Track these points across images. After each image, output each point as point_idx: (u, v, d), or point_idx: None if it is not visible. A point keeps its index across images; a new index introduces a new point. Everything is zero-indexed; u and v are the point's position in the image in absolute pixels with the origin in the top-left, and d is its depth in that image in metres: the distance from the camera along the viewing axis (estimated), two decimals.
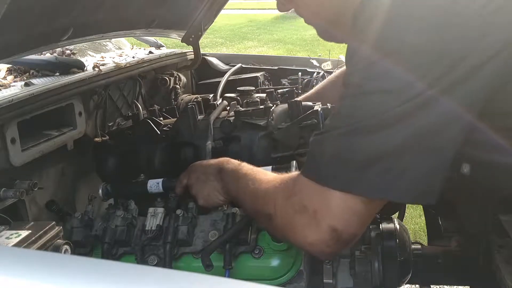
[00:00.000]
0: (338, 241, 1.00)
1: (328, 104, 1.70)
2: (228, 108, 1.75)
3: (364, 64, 0.96)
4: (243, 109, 1.61)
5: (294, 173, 1.13)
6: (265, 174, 1.22)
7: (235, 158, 1.40)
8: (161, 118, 1.83)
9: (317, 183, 1.00)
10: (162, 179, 1.42)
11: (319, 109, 1.58)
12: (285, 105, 1.63)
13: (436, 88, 0.90)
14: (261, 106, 1.60)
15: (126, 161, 1.59)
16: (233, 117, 1.61)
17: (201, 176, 1.36)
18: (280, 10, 1.29)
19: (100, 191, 1.44)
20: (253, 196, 1.19)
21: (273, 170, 1.35)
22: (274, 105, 1.64)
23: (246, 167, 1.28)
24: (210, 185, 1.34)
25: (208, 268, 1.13)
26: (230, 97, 1.86)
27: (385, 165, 0.95)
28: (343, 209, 0.99)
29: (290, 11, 1.31)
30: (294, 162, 1.36)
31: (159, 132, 1.62)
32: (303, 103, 1.64)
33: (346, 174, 0.98)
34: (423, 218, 2.67)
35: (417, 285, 2.30)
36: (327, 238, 1.00)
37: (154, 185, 1.41)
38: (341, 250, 1.06)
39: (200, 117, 1.62)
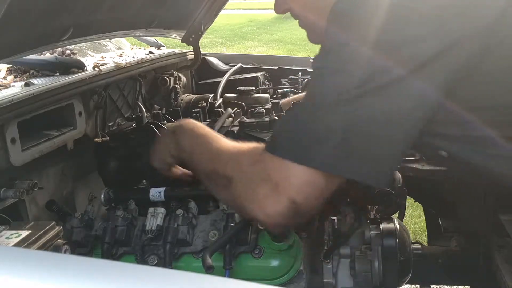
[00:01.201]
0: (295, 214, 1.03)
1: None
2: (233, 115, 1.76)
3: (332, 46, 1.01)
4: (248, 120, 1.61)
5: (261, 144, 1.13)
6: (227, 139, 1.21)
7: None
8: (165, 122, 1.83)
9: (279, 157, 1.03)
10: (164, 188, 1.42)
11: None
12: None
13: (397, 72, 0.94)
14: (266, 119, 1.61)
15: (129, 165, 1.59)
16: (237, 128, 1.61)
17: (158, 135, 1.35)
18: (277, 12, 1.29)
19: (102, 196, 1.44)
20: (213, 155, 1.16)
21: None
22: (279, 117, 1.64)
23: (206, 128, 1.27)
24: (162, 142, 1.33)
25: (209, 271, 1.12)
26: (234, 102, 1.87)
27: (338, 142, 0.98)
28: (303, 182, 1.02)
29: (286, 13, 1.31)
30: None
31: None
32: None
33: (302, 148, 1.02)
34: (423, 218, 2.67)
35: (417, 285, 2.30)
36: (285, 210, 1.02)
37: (157, 194, 1.41)
38: (296, 223, 1.10)
39: (204, 123, 1.63)
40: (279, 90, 2.19)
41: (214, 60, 2.64)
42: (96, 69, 1.67)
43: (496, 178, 1.13)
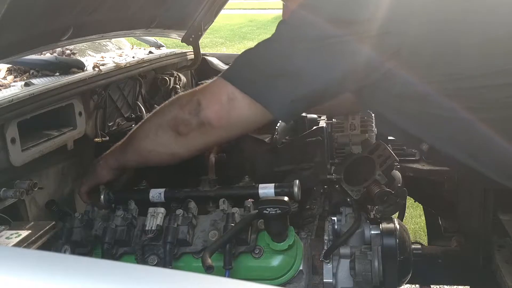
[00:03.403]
0: (196, 115, 1.25)
1: (333, 119, 1.72)
2: None
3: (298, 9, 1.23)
4: None
5: None
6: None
7: (237, 171, 1.48)
8: None
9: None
10: (164, 189, 1.42)
11: (324, 125, 1.60)
12: None
13: (342, 35, 1.14)
14: None
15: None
16: None
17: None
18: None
19: (102, 197, 1.44)
20: (145, 121, 1.41)
21: (276, 187, 1.36)
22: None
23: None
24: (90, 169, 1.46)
25: (208, 271, 1.12)
26: None
27: (254, 65, 1.24)
28: (213, 90, 1.27)
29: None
30: (297, 181, 1.36)
31: None
32: (308, 116, 1.65)
33: (230, 66, 1.29)
34: (423, 218, 2.67)
35: (417, 285, 2.30)
36: (190, 108, 1.26)
37: (156, 195, 1.41)
38: (196, 133, 1.28)
39: None
40: None
41: (214, 60, 2.63)
42: (96, 69, 1.67)
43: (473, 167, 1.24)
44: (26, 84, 1.43)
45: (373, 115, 1.73)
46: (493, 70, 1.13)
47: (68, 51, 1.94)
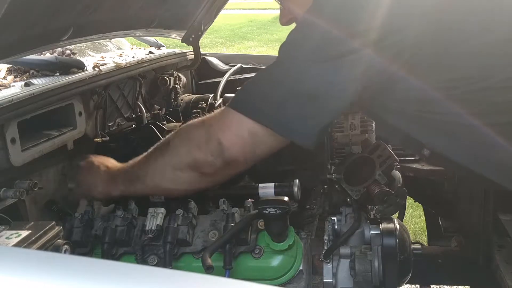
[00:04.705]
0: (220, 156, 1.17)
1: None
2: None
3: (303, 24, 1.19)
4: None
5: None
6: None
7: None
8: (165, 122, 1.83)
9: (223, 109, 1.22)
10: None
11: None
12: None
13: (349, 45, 1.09)
14: None
15: None
16: None
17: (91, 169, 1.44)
18: (282, 23, 1.36)
19: None
20: (159, 144, 1.33)
21: (276, 187, 1.36)
22: None
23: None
24: (96, 178, 1.41)
25: (208, 271, 1.12)
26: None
27: (276, 97, 1.14)
28: (231, 125, 1.18)
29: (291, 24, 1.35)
30: (297, 181, 1.36)
31: (161, 138, 1.62)
32: None
33: (244, 100, 1.19)
34: (423, 218, 2.67)
35: (417, 285, 2.30)
36: (213, 149, 1.17)
37: None
38: (223, 171, 1.22)
39: None
40: None
41: (214, 60, 2.63)
42: (96, 69, 1.67)
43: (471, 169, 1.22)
44: (26, 84, 1.43)
45: None
46: (494, 72, 1.12)
47: (68, 51, 1.94)
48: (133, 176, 1.35)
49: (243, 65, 2.58)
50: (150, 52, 2.18)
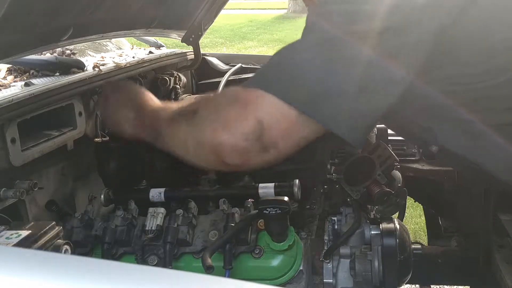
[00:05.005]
0: (259, 139, 0.98)
1: None
2: None
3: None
4: None
5: None
6: None
7: (238, 171, 1.39)
8: None
9: (256, 87, 1.01)
10: (164, 189, 1.42)
11: None
12: None
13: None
14: None
15: (129, 165, 1.59)
16: None
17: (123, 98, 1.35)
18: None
19: (102, 196, 1.44)
20: (184, 108, 1.17)
21: (276, 187, 1.36)
22: None
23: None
24: (124, 113, 1.32)
25: (208, 271, 1.13)
26: None
27: (317, 85, 0.96)
28: (274, 107, 0.98)
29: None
30: (297, 181, 1.36)
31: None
32: None
33: (281, 82, 1.00)
34: (423, 218, 2.67)
35: (417, 285, 2.30)
36: (250, 130, 0.98)
37: (157, 194, 1.41)
38: (255, 159, 1.02)
39: None
40: None
41: (214, 60, 2.63)
42: (96, 69, 1.67)
43: (486, 169, 1.14)
44: (26, 84, 1.43)
45: None
46: (495, 66, 1.04)
47: (68, 51, 1.94)
48: (157, 130, 1.21)
49: (243, 65, 2.58)
50: (150, 52, 2.18)
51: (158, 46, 2.37)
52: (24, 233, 1.01)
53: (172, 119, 1.17)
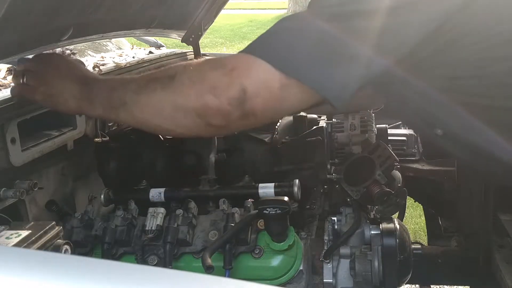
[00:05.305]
0: (239, 106, 1.01)
1: (333, 119, 1.72)
2: None
3: None
4: None
5: None
6: None
7: (238, 171, 1.42)
8: None
9: (243, 53, 1.04)
10: (164, 188, 1.42)
11: (324, 125, 1.60)
12: (290, 118, 1.64)
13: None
14: None
15: (129, 165, 1.59)
16: None
17: (61, 69, 1.24)
18: None
19: (102, 196, 1.44)
20: (159, 74, 1.14)
21: (276, 187, 1.36)
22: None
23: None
24: (67, 86, 1.20)
25: (208, 271, 1.13)
26: None
27: (308, 48, 1.00)
28: (258, 74, 1.01)
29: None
30: (297, 181, 1.36)
31: (162, 138, 1.62)
32: (308, 116, 1.65)
33: (271, 48, 1.04)
34: (423, 218, 2.67)
35: (417, 285, 2.30)
36: (234, 95, 1.01)
37: (156, 194, 1.41)
38: (235, 123, 1.05)
39: None
40: None
41: None
42: (96, 69, 1.67)
43: (491, 159, 1.13)
44: None
45: (373, 114, 1.73)
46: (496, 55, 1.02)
47: (68, 51, 1.94)
48: (117, 101, 1.14)
49: None
50: (150, 52, 2.18)
51: (158, 46, 2.37)
52: (24, 233, 1.01)
53: (142, 86, 1.13)
